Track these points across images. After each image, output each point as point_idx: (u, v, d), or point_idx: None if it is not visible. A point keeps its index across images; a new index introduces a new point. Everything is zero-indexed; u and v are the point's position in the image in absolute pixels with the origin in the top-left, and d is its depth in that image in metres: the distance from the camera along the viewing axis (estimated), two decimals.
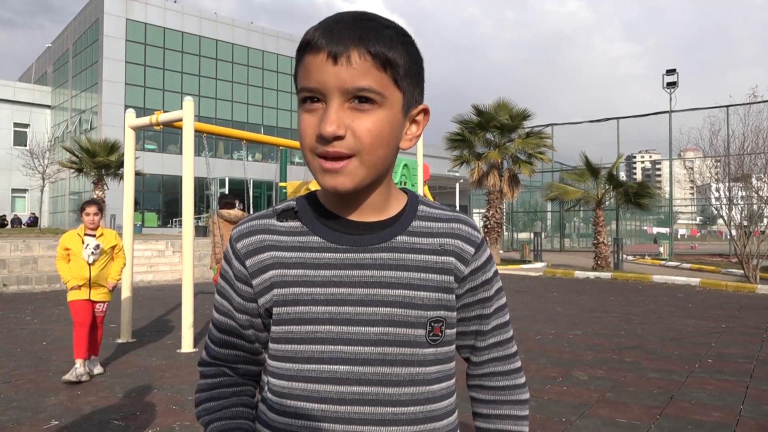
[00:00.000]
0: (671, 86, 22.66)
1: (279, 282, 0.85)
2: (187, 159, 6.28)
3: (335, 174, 0.79)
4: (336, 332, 0.83)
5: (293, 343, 0.84)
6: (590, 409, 4.06)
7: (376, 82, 0.78)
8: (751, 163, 15.48)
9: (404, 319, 0.84)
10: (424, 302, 0.85)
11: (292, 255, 0.86)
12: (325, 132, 0.76)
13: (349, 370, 0.82)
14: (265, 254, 0.86)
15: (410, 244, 0.87)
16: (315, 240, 0.86)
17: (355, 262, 0.84)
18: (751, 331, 7.17)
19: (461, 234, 0.90)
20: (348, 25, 0.78)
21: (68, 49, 39.52)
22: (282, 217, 0.89)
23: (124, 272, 6.71)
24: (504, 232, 26.20)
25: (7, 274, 11.59)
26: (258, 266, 0.86)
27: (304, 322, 0.84)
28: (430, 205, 0.93)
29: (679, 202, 30.29)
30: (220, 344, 0.92)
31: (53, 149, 34.41)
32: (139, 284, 12.31)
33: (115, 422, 3.74)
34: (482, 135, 19.42)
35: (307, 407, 0.83)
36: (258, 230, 0.88)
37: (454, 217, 0.92)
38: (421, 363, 0.85)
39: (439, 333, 0.86)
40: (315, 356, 0.83)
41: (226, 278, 0.91)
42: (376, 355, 0.83)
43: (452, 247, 0.88)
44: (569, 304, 9.84)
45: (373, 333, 0.83)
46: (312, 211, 0.89)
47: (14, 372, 5.02)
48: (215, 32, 37.73)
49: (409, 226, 0.88)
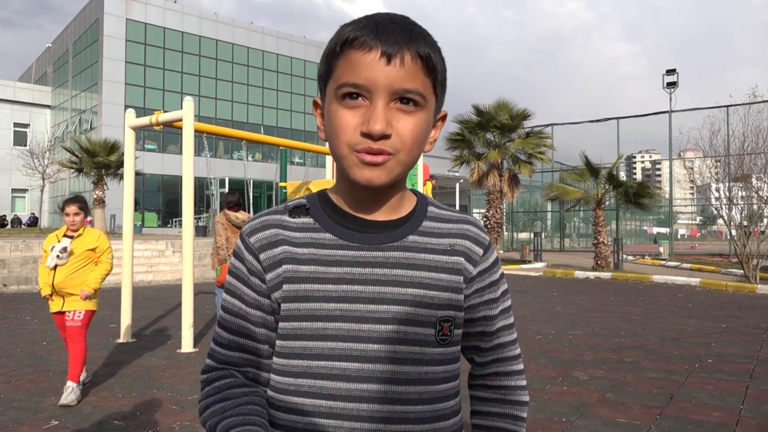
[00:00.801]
0: (671, 86, 22.66)
1: (291, 277, 0.85)
2: (187, 159, 6.28)
3: (374, 167, 0.80)
4: (347, 329, 0.83)
5: (303, 339, 0.84)
6: (590, 409, 4.06)
7: (422, 86, 0.81)
8: (751, 163, 15.48)
9: (415, 318, 0.84)
10: (434, 301, 0.86)
11: (305, 251, 0.86)
12: (374, 130, 0.78)
13: (358, 368, 0.82)
14: (279, 248, 0.87)
15: (421, 244, 0.88)
16: (327, 237, 0.87)
17: (367, 260, 0.85)
18: (751, 331, 7.17)
19: (470, 235, 0.92)
20: (400, 27, 0.80)
21: (68, 49, 39.53)
22: (294, 213, 0.90)
23: (124, 272, 6.72)
24: (504, 232, 26.20)
25: (7, 274, 11.59)
26: (272, 260, 0.86)
27: (314, 319, 0.84)
28: (439, 206, 0.94)
29: (679, 202, 30.28)
30: (228, 347, 0.90)
31: (53, 149, 34.41)
32: (139, 284, 12.31)
33: (115, 422, 3.74)
34: (482, 135, 19.41)
35: (315, 403, 0.83)
36: (271, 224, 0.89)
37: (463, 218, 0.94)
38: (429, 362, 0.85)
39: (448, 333, 0.87)
40: (325, 353, 0.83)
41: (237, 275, 0.90)
42: (386, 353, 0.83)
43: (462, 248, 0.90)
44: (569, 304, 9.84)
45: (384, 331, 0.83)
46: (323, 209, 0.90)
47: (14, 372, 5.02)
48: (215, 32, 37.73)
49: (420, 226, 0.89)
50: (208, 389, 0.88)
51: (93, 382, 4.71)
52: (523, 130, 19.35)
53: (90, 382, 4.69)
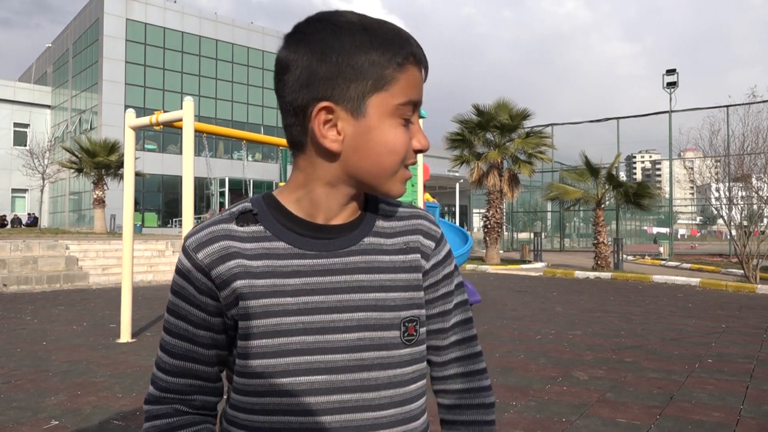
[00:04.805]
0: (671, 86, 22.66)
1: (247, 293, 0.79)
2: (187, 159, 6.28)
3: None
4: (310, 342, 0.79)
5: (264, 357, 0.79)
6: (590, 409, 4.06)
7: None
8: (751, 163, 15.49)
9: (379, 322, 0.82)
10: (396, 303, 0.83)
11: (259, 263, 0.80)
12: (427, 146, 0.81)
13: (326, 380, 0.79)
14: (232, 262, 0.79)
15: (378, 246, 0.85)
16: (281, 246, 0.81)
17: (326, 268, 0.81)
18: (751, 331, 7.17)
19: (422, 229, 0.89)
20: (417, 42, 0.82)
21: (68, 49, 39.54)
22: (241, 220, 0.82)
23: (124, 272, 6.72)
24: (504, 232, 26.19)
25: (7, 274, 11.59)
26: (225, 276, 0.79)
27: (275, 335, 0.79)
28: (388, 202, 0.91)
29: (679, 202, 30.28)
30: (174, 373, 0.83)
31: (53, 149, 34.42)
32: (139, 284, 12.31)
33: (115, 422, 3.74)
34: (482, 135, 19.42)
35: (283, 420, 0.79)
36: (220, 236, 0.81)
37: (415, 213, 0.91)
38: (398, 365, 0.83)
39: (414, 332, 0.85)
40: (290, 369, 0.79)
41: (182, 295, 0.83)
42: (353, 362, 0.80)
43: (415, 244, 0.88)
44: (569, 304, 9.84)
45: (349, 339, 0.80)
46: (273, 214, 0.83)
47: (14, 372, 5.02)
48: (215, 32, 37.75)
49: (374, 227, 0.86)
50: (148, 427, 0.83)
51: (93, 382, 4.71)
52: (523, 130, 19.35)
53: (90, 382, 4.69)
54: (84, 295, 10.61)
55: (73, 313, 8.39)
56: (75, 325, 7.42)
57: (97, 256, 13.64)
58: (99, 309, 8.82)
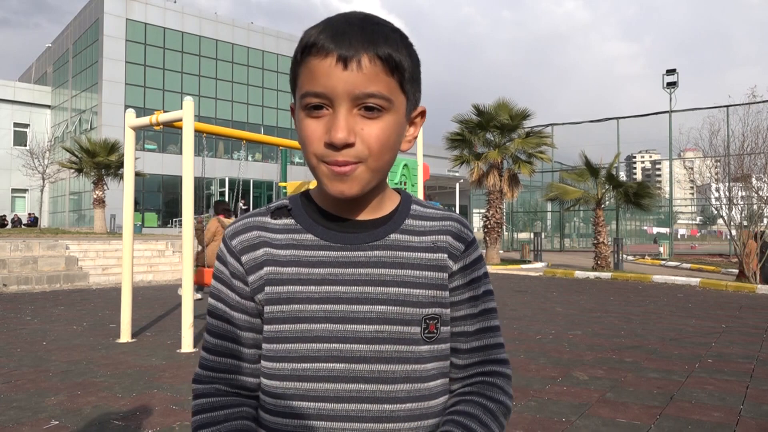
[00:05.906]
0: (671, 86, 22.66)
1: (273, 279, 0.84)
2: (187, 159, 6.28)
3: (344, 178, 0.79)
4: (331, 330, 0.82)
5: (287, 342, 0.83)
6: (590, 409, 4.06)
7: (384, 88, 0.78)
8: (751, 163, 15.48)
9: (399, 317, 0.83)
10: (419, 299, 0.85)
11: (286, 253, 0.85)
12: (336, 139, 0.76)
13: (344, 368, 0.82)
14: (260, 251, 0.86)
15: (404, 242, 0.87)
16: (309, 238, 0.86)
17: (350, 260, 0.84)
18: (751, 331, 7.18)
19: (452, 231, 0.90)
20: (357, 29, 0.77)
21: (68, 49, 39.53)
22: (276, 214, 0.89)
23: (124, 272, 6.72)
24: (504, 232, 26.20)
25: (7, 274, 11.58)
26: (254, 262, 0.86)
27: (298, 321, 0.83)
28: (423, 204, 0.93)
29: (679, 202, 30.28)
30: (215, 352, 0.89)
31: (53, 149, 34.42)
32: (139, 284, 12.32)
33: (115, 422, 3.74)
34: (482, 135, 19.42)
35: (303, 406, 0.82)
36: (253, 227, 0.88)
37: (447, 215, 0.92)
38: (417, 360, 0.84)
39: (434, 330, 0.86)
40: (310, 355, 0.82)
41: (221, 278, 0.89)
42: (371, 353, 0.82)
43: (444, 244, 0.89)
44: (569, 304, 9.84)
45: (368, 331, 0.82)
46: (306, 210, 0.89)
47: (14, 372, 5.02)
48: (215, 32, 37.73)
49: (403, 225, 0.88)
50: (196, 405, 0.88)
51: (93, 382, 4.71)
52: (523, 130, 19.36)
53: (90, 382, 4.69)
54: (84, 295, 10.60)
55: (73, 313, 8.39)
56: (75, 325, 7.42)
57: (97, 256, 13.64)
58: (99, 309, 8.81)
